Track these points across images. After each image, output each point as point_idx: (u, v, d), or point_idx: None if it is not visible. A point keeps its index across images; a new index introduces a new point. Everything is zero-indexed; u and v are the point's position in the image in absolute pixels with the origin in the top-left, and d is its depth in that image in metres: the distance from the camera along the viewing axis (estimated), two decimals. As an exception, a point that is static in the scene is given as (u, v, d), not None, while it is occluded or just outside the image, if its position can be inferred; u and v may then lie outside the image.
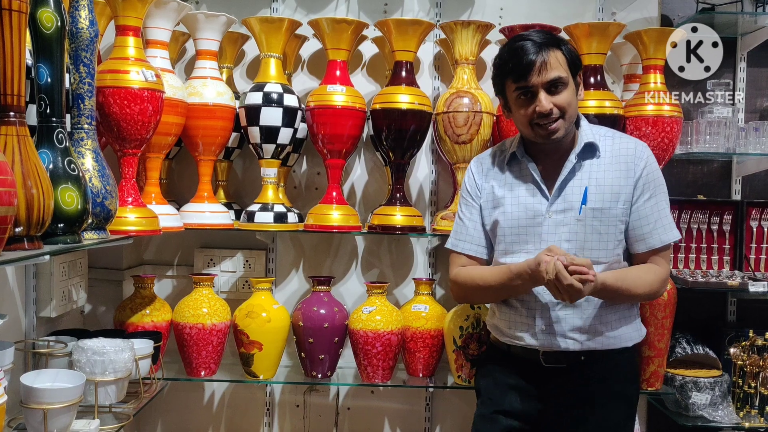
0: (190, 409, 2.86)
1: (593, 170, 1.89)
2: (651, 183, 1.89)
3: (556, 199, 1.88)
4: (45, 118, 1.64)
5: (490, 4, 2.81)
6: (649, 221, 1.88)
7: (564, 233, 1.86)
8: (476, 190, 2.00)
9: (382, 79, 2.80)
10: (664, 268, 1.91)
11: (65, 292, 2.34)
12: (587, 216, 1.85)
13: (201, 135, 2.45)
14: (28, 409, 1.70)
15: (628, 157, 1.89)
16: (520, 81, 1.83)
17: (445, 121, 2.45)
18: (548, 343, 1.88)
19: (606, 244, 1.86)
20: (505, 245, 1.93)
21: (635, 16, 2.79)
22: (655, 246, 1.89)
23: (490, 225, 1.97)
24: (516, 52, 1.83)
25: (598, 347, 1.88)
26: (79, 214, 1.65)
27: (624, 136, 1.97)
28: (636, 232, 1.89)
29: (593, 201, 1.86)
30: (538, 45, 1.81)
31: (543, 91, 1.81)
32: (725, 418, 2.51)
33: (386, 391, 2.79)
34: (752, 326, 2.62)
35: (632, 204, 1.88)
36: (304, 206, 2.69)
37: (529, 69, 1.80)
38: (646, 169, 1.89)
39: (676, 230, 1.93)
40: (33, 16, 1.57)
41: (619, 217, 1.87)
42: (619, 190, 1.87)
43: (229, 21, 2.49)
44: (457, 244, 2.02)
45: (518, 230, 1.91)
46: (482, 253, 2.00)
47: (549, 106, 1.81)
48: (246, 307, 2.48)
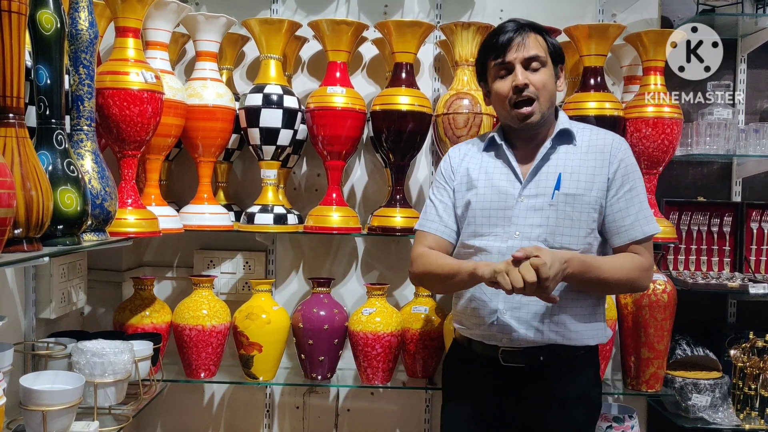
0: (189, 411, 2.85)
1: (569, 157, 1.90)
2: (630, 175, 1.89)
3: (529, 183, 1.89)
4: (44, 120, 1.64)
5: (490, 5, 2.81)
6: (630, 212, 1.87)
7: (536, 218, 1.85)
8: (450, 173, 2.00)
9: (382, 80, 2.80)
10: (646, 259, 1.87)
11: (65, 294, 2.34)
12: (560, 201, 1.85)
13: (201, 136, 2.44)
14: (28, 411, 1.70)
15: (605, 148, 1.90)
16: (498, 57, 1.88)
17: (445, 122, 2.45)
18: (509, 331, 1.84)
19: (578, 231, 1.85)
20: (475, 227, 1.92)
21: (635, 18, 2.80)
22: (637, 237, 1.86)
23: (462, 207, 1.96)
24: (497, 31, 1.92)
25: (560, 341, 1.85)
26: (79, 216, 1.64)
27: (602, 130, 1.98)
28: (617, 224, 1.87)
29: (567, 187, 1.86)
30: (519, 25, 1.89)
31: (520, 67, 1.86)
32: (725, 420, 2.51)
33: (386, 393, 2.78)
34: (752, 328, 2.62)
35: (612, 196, 1.87)
36: (304, 208, 2.69)
37: (508, 44, 1.86)
38: (624, 161, 1.89)
39: (656, 223, 1.91)
40: (32, 18, 1.57)
41: (592, 205, 1.85)
42: (594, 179, 1.86)
43: (229, 22, 2.49)
44: (424, 224, 2.00)
45: (489, 212, 1.90)
46: (449, 235, 1.98)
47: (524, 80, 1.84)
48: (246, 309, 2.48)
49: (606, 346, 2.46)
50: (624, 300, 2.49)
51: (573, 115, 2.45)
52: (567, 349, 1.87)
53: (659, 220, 2.47)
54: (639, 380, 2.51)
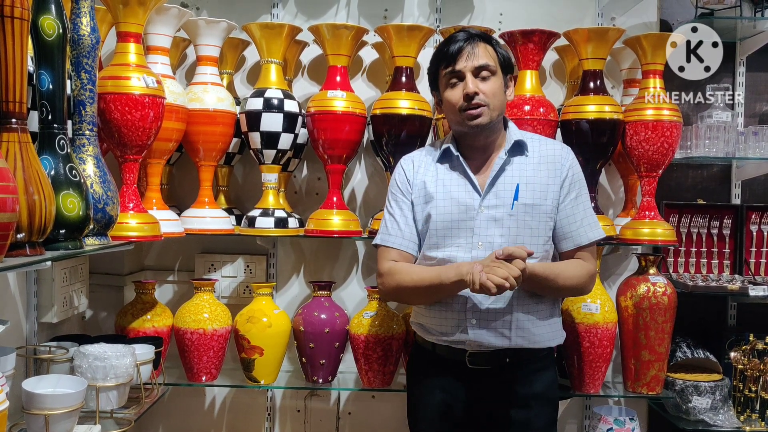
0: (191, 415, 2.86)
1: (522, 168, 1.96)
2: (576, 183, 1.98)
3: (488, 194, 1.93)
4: (46, 125, 1.65)
5: (489, 9, 2.82)
6: (575, 219, 1.95)
7: (497, 228, 1.90)
8: (407, 186, 2.02)
9: (382, 84, 2.80)
10: (592, 264, 1.99)
11: (66, 298, 2.35)
12: (519, 211, 1.91)
13: (202, 141, 2.45)
14: (30, 415, 1.71)
15: (555, 158, 1.97)
16: (449, 65, 1.92)
17: (445, 126, 2.46)
18: (478, 338, 1.89)
19: (537, 239, 1.92)
20: (436, 239, 1.95)
21: (634, 21, 2.80)
22: (582, 243, 1.96)
23: (422, 220, 1.99)
24: (448, 41, 1.96)
25: (525, 344, 1.91)
26: (81, 220, 1.65)
27: (550, 141, 2.06)
28: (564, 230, 1.96)
29: (524, 197, 1.92)
30: (469, 35, 1.94)
31: (470, 75, 1.90)
32: (726, 423, 2.51)
33: (387, 396, 2.78)
34: (753, 330, 2.62)
35: (560, 203, 1.95)
36: (305, 211, 2.70)
37: (458, 53, 1.91)
38: (571, 170, 1.97)
39: (601, 229, 2.01)
40: (35, 23, 1.58)
41: (548, 213, 1.93)
42: (547, 189, 1.94)
43: (230, 27, 2.50)
44: (387, 239, 2.01)
45: (450, 224, 1.93)
46: (412, 248, 2.00)
47: (474, 88, 1.89)
48: (247, 313, 2.48)
49: (607, 348, 2.47)
50: (624, 303, 2.50)
51: (573, 118, 2.46)
52: (531, 352, 1.94)
53: (659, 223, 2.49)
54: (639, 383, 2.51)
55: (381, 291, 2.04)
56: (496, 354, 1.92)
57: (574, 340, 2.44)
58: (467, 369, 1.93)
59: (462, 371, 1.94)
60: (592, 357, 2.46)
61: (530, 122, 2.38)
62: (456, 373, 1.95)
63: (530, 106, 2.42)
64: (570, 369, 2.51)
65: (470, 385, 1.95)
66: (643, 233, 2.48)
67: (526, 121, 2.37)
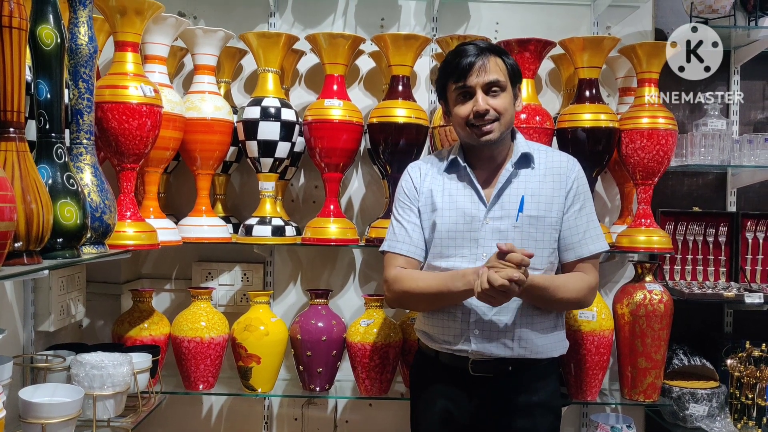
0: (188, 423, 2.85)
1: (528, 180, 1.95)
2: (581, 195, 1.97)
3: (494, 205, 1.93)
4: (44, 134, 1.65)
5: (486, 18, 2.84)
6: (579, 230, 1.95)
7: (501, 239, 1.89)
8: (414, 193, 2.02)
9: (378, 93, 2.81)
10: (593, 277, 1.97)
11: (63, 307, 2.35)
12: (524, 223, 1.91)
13: (199, 149, 2.46)
14: (27, 424, 1.71)
15: (561, 170, 1.97)
16: (459, 81, 1.90)
17: (441, 134, 2.47)
18: (481, 348, 1.90)
19: (542, 251, 1.91)
20: (441, 248, 1.95)
21: (629, 30, 2.83)
22: (584, 255, 1.95)
23: (428, 228, 1.99)
24: (458, 54, 1.92)
25: (527, 355, 1.91)
26: (78, 229, 1.65)
27: (557, 152, 2.05)
28: (567, 241, 1.95)
29: (529, 209, 1.91)
30: (479, 49, 1.91)
31: (481, 92, 1.89)
32: (723, 430, 2.51)
33: (384, 404, 2.79)
34: (749, 337, 2.63)
35: (564, 214, 1.94)
36: (302, 219, 2.70)
37: (469, 69, 1.88)
38: (576, 182, 1.96)
39: (605, 241, 2.00)
40: (33, 33, 1.59)
41: (553, 225, 1.93)
42: (553, 200, 1.93)
43: (227, 36, 2.51)
44: (394, 245, 2.01)
45: (455, 234, 1.94)
46: (420, 255, 2.00)
47: (485, 106, 1.88)
48: (244, 321, 2.48)
49: (603, 356, 2.47)
50: (621, 310, 2.50)
51: (569, 126, 2.47)
52: (533, 361, 1.94)
53: (655, 231, 2.50)
54: (636, 390, 2.51)
55: (387, 297, 2.04)
56: (498, 362, 1.92)
57: (571, 348, 2.42)
58: (470, 376, 1.93)
59: (465, 379, 1.94)
60: (589, 364, 2.46)
61: (526, 131, 2.39)
62: (459, 380, 1.95)
63: (526, 114, 2.44)
64: (567, 376, 2.51)
65: (473, 393, 1.95)
66: (639, 241, 2.49)
67: (522, 129, 2.38)
